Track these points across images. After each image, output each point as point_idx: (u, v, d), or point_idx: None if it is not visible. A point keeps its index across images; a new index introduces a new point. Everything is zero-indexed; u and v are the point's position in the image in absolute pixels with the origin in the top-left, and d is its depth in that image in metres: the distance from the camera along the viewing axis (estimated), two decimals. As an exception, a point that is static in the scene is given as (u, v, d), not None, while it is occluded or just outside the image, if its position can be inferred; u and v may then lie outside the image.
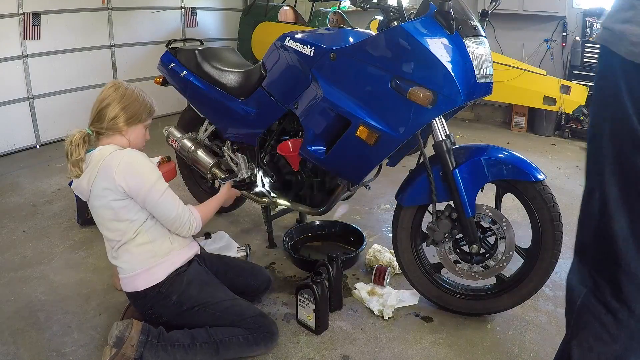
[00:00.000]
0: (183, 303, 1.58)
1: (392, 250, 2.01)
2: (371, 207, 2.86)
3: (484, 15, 1.78)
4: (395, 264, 2.06)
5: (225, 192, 1.97)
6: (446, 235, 1.70)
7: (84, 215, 2.59)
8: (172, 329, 1.57)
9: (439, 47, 1.50)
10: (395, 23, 1.58)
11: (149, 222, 1.59)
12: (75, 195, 2.61)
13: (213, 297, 1.61)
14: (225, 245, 2.39)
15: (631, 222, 0.96)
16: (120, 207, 1.53)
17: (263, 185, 2.23)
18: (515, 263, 1.77)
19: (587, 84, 4.13)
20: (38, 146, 4.17)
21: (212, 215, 1.81)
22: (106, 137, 1.61)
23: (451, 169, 1.62)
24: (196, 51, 2.34)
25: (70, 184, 2.63)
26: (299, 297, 1.75)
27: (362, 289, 1.97)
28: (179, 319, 1.60)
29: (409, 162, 2.19)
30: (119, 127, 1.59)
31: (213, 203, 1.84)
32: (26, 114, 4.07)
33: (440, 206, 1.71)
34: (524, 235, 1.87)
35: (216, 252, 2.31)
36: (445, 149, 1.62)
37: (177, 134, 2.54)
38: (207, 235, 2.43)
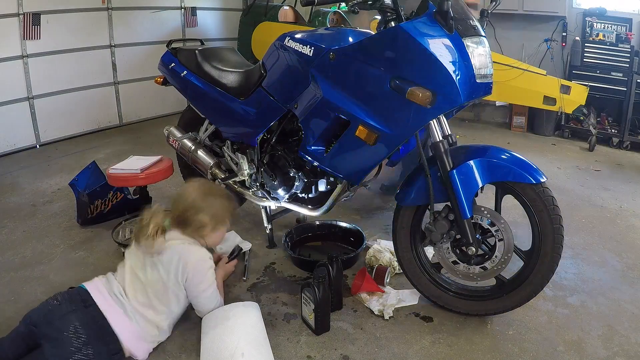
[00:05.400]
0: None
1: (392, 250, 2.01)
2: (371, 207, 2.86)
3: (483, 15, 1.78)
4: (395, 264, 2.06)
5: (223, 272, 1.95)
6: (444, 236, 1.70)
7: (84, 215, 2.59)
8: None
9: (438, 47, 1.50)
10: (393, 23, 1.58)
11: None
12: (76, 195, 2.64)
13: None
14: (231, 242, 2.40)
15: None
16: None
17: (263, 185, 2.23)
18: (516, 264, 1.77)
19: (587, 83, 4.12)
20: (38, 146, 4.16)
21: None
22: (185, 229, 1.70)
23: (448, 169, 1.62)
24: (196, 51, 2.34)
25: (70, 183, 2.65)
26: (302, 294, 1.75)
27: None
28: None
29: (409, 162, 2.18)
30: (204, 234, 1.73)
31: (220, 281, 1.85)
32: (26, 114, 4.07)
33: (440, 207, 1.71)
34: (524, 236, 1.87)
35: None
36: (442, 149, 1.62)
37: (178, 134, 2.55)
38: None
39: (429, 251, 1.99)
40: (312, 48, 1.78)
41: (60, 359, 1.42)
